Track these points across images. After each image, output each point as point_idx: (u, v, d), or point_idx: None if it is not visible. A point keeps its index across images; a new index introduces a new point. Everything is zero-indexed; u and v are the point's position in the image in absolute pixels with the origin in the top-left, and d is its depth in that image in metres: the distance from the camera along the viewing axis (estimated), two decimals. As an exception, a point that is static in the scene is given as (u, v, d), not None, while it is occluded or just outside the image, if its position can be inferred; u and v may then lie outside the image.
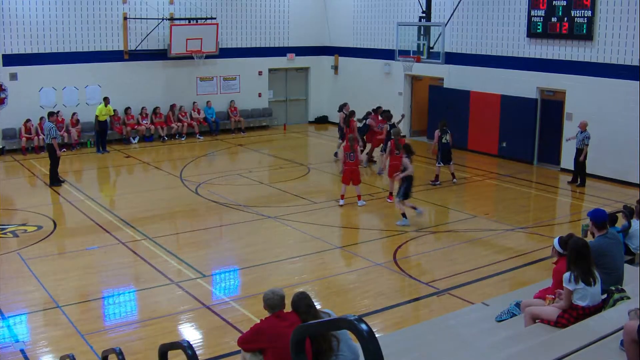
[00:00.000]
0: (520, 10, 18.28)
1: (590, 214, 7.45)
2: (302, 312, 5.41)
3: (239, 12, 23.41)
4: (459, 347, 6.50)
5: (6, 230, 12.61)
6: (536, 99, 18.25)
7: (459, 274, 10.46)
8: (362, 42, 23.90)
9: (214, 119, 22.84)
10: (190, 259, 11.12)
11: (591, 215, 7.40)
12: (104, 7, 20.76)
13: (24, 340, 8.21)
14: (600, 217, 7.31)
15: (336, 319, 3.23)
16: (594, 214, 7.37)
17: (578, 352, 5.22)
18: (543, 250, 11.41)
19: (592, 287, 6.22)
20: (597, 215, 7.34)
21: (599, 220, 7.27)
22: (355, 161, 14.11)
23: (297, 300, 5.51)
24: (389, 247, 11.77)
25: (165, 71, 22.23)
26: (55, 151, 15.67)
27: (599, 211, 7.45)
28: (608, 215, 7.58)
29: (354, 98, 23.90)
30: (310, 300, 5.53)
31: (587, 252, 6.29)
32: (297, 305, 5.47)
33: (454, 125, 20.09)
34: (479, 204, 15.00)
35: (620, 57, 16.02)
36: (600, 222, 7.27)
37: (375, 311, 9.04)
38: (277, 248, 11.94)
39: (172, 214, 13.90)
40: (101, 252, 11.44)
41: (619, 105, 16.03)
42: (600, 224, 7.26)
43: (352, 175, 14.09)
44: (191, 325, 8.87)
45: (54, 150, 15.66)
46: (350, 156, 14.07)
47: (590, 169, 16.14)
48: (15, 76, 19.59)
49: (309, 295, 5.59)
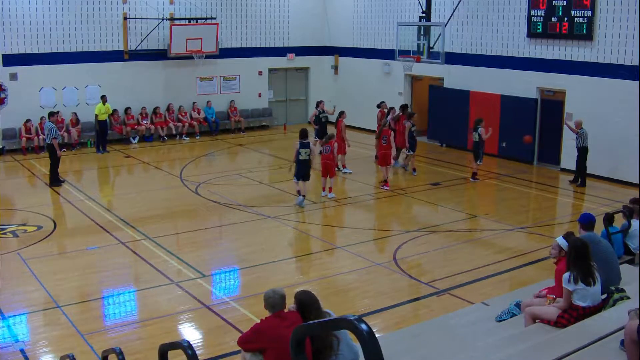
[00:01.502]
0: (520, 10, 18.27)
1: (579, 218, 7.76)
2: (313, 308, 5.41)
3: (239, 12, 23.42)
4: (459, 347, 6.50)
5: (6, 230, 12.61)
6: (536, 99, 18.24)
7: (459, 274, 10.46)
8: (362, 42, 23.90)
9: (214, 119, 22.84)
10: (190, 259, 11.12)
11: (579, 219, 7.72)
12: (104, 7, 20.76)
13: (24, 340, 8.21)
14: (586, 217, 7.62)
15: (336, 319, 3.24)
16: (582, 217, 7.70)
17: (578, 352, 5.21)
18: (543, 250, 11.40)
19: (592, 287, 6.22)
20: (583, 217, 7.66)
21: (586, 221, 7.55)
22: (329, 154, 14.59)
23: (304, 298, 5.49)
24: (389, 247, 11.77)
25: (165, 71, 22.23)
26: (55, 151, 15.67)
27: (587, 214, 7.78)
28: (594, 218, 7.81)
29: (354, 98, 23.99)
30: (316, 297, 5.54)
31: (587, 252, 6.29)
32: (305, 304, 5.45)
33: (454, 126, 20.15)
34: (479, 204, 15.00)
35: (620, 57, 16.01)
36: (587, 222, 7.54)
37: (375, 311, 9.04)
38: (277, 248, 11.94)
39: (172, 214, 13.90)
40: (101, 252, 11.44)
41: (619, 105, 16.02)
42: (586, 223, 7.53)
43: (327, 168, 14.70)
44: (191, 325, 8.87)
45: (54, 151, 15.66)
46: (326, 149, 14.65)
47: (590, 169, 16.13)
48: (15, 76, 19.58)
49: (312, 293, 5.59)
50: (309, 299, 5.49)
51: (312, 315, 5.35)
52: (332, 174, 14.87)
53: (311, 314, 5.38)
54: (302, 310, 5.46)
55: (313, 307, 5.42)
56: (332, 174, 14.82)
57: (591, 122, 15.91)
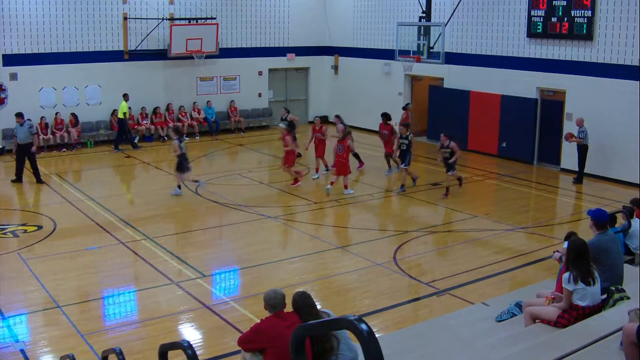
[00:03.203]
0: (520, 10, 18.27)
1: (591, 213, 7.44)
2: (304, 312, 5.41)
3: (239, 12, 23.41)
4: (459, 347, 6.50)
5: (6, 230, 12.61)
6: (536, 99, 18.24)
7: (459, 274, 10.46)
8: (362, 42, 23.89)
9: (214, 119, 22.84)
10: (190, 259, 11.12)
11: (592, 214, 7.40)
12: (104, 7, 20.75)
13: (24, 340, 8.21)
14: (602, 217, 7.32)
15: (336, 319, 3.23)
16: (596, 214, 7.37)
17: (578, 352, 5.21)
18: (543, 250, 11.42)
19: (592, 287, 6.22)
20: (598, 215, 7.34)
21: (600, 221, 7.28)
22: (343, 154, 14.94)
23: (298, 300, 5.51)
24: (389, 247, 11.76)
25: (165, 71, 22.22)
26: (32, 147, 15.72)
27: (600, 211, 7.46)
28: (609, 216, 7.60)
29: (354, 98, 23.99)
30: (311, 300, 5.53)
31: (586, 251, 6.29)
32: (298, 306, 5.47)
33: (454, 126, 20.13)
34: (479, 204, 15.00)
35: (620, 57, 16.01)
36: (602, 222, 7.28)
37: (375, 311, 9.03)
38: (277, 248, 11.95)
39: (172, 214, 13.90)
40: (101, 252, 11.44)
41: (619, 105, 16.02)
42: (601, 224, 7.28)
43: (340, 167, 15.01)
44: (191, 325, 8.87)
45: (31, 147, 15.69)
46: (339, 148, 14.99)
47: (590, 169, 16.14)
48: (15, 76, 19.58)
49: (310, 295, 5.59)
50: (298, 299, 5.50)
51: (306, 315, 5.36)
52: (346, 172, 15.09)
53: (305, 314, 5.38)
54: (296, 311, 5.48)
55: (303, 311, 5.42)
56: (345, 172, 15.06)
57: (591, 122, 15.91)
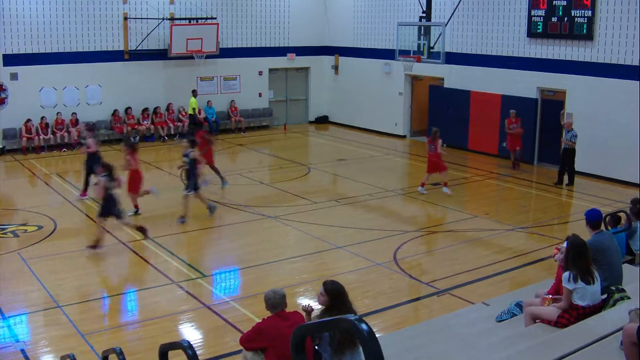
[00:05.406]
0: (520, 10, 18.27)
1: (586, 213, 7.59)
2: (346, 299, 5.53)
3: (239, 12, 23.42)
4: (459, 347, 6.49)
5: (6, 230, 12.61)
6: (536, 98, 18.25)
7: (459, 274, 10.46)
8: (362, 42, 23.89)
9: (214, 119, 22.84)
10: (190, 259, 11.12)
11: (585, 214, 7.56)
12: (104, 7, 20.76)
13: (24, 340, 8.21)
14: (594, 216, 7.47)
15: (336, 319, 3.23)
16: (588, 214, 7.53)
17: (578, 352, 5.21)
18: (543, 250, 11.42)
19: (592, 286, 6.22)
20: (590, 214, 7.50)
21: (592, 220, 7.43)
22: (434, 152, 15.05)
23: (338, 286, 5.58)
24: (389, 247, 11.76)
25: (166, 71, 22.22)
26: None
27: (593, 211, 7.61)
28: (605, 216, 7.69)
29: (354, 98, 24.00)
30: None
31: (585, 250, 6.30)
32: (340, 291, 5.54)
33: (455, 126, 20.14)
34: (479, 204, 15.00)
35: (621, 57, 16.01)
36: (593, 221, 7.42)
37: (375, 311, 9.04)
38: (277, 248, 11.94)
39: (172, 214, 13.89)
40: (101, 252, 11.43)
41: (619, 105, 16.02)
42: (593, 223, 7.41)
43: (435, 165, 15.15)
44: (191, 325, 8.87)
45: None
46: (430, 148, 15.17)
47: (590, 169, 16.13)
48: (16, 76, 19.59)
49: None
50: (342, 288, 5.59)
51: (347, 304, 5.47)
52: (442, 169, 15.18)
53: (346, 303, 5.49)
54: (337, 297, 5.52)
55: (345, 298, 5.53)
56: (441, 169, 15.16)
57: (591, 122, 15.91)
